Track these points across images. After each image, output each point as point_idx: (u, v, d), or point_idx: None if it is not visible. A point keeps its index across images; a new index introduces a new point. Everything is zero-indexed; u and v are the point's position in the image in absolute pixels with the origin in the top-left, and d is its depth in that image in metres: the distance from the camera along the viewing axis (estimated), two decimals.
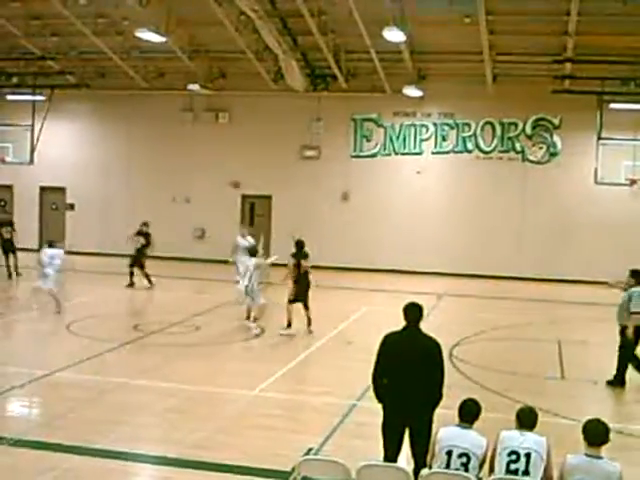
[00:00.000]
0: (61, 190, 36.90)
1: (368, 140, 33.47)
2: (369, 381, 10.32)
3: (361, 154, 33.53)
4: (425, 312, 10.37)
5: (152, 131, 35.35)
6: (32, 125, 34.39)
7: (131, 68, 33.30)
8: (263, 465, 11.51)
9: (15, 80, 34.75)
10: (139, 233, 28.53)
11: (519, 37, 27.80)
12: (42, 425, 13.49)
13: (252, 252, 22.24)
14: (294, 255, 21.49)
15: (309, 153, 33.69)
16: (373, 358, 10.27)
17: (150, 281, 27.82)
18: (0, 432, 12.62)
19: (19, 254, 29.32)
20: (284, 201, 34.12)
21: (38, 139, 34.33)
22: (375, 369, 10.21)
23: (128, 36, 29.34)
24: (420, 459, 9.70)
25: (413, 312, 10.30)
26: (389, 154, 33.35)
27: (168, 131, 35.10)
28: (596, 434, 8.48)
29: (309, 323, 20.93)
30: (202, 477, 11.34)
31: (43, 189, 37.29)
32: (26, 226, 35.13)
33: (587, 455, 8.42)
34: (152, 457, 12.02)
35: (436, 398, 9.99)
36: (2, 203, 37.66)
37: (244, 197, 34.85)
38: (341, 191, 33.61)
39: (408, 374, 9.97)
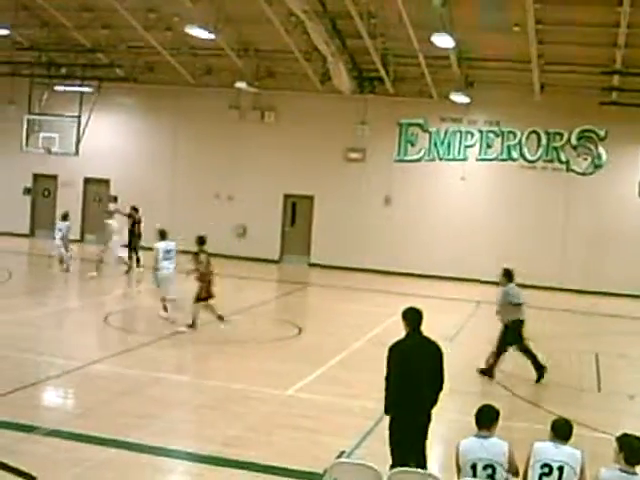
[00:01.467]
0: (105, 182, 37.10)
1: (413, 145, 33.33)
2: None
3: (405, 158, 33.39)
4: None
5: (197, 127, 35.44)
6: (79, 116, 34.58)
7: (179, 64, 33.42)
8: (295, 466, 11.49)
9: (64, 71, 34.98)
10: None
11: (568, 47, 27.60)
12: (77, 416, 13.55)
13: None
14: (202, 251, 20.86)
15: (353, 155, 33.62)
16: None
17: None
18: (35, 422, 12.71)
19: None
20: (327, 202, 34.07)
21: (84, 131, 34.50)
22: (387, 380, 10.17)
23: (177, 32, 29.46)
24: (423, 457, 10.03)
25: (415, 317, 10.32)
26: (433, 159, 33.20)
27: (213, 128, 35.17)
28: (631, 450, 8.24)
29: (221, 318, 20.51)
30: (234, 475, 11.35)
31: (87, 180, 37.50)
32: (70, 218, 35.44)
33: (622, 470, 8.18)
34: (185, 453, 12.05)
35: (436, 401, 10.20)
36: (46, 193, 37.93)
37: (286, 196, 34.86)
38: (383, 195, 33.49)
39: (420, 381, 10.03)
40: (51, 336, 19.86)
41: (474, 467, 8.65)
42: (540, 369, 17.19)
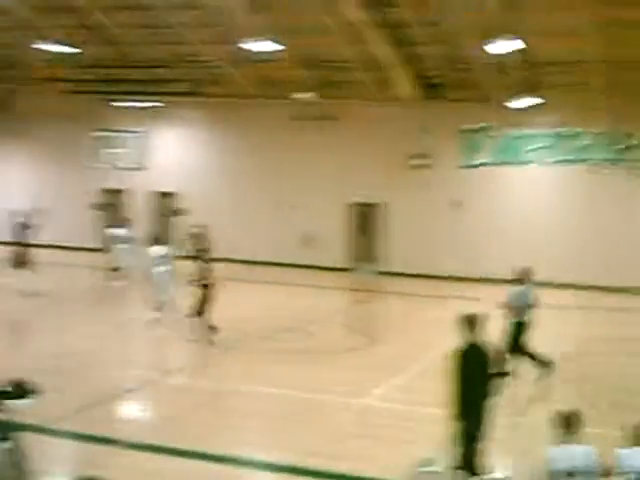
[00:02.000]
0: (171, 195, 37.44)
1: (477, 150, 33.18)
2: None
3: (470, 164, 33.21)
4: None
5: (261, 138, 35.59)
6: (144, 132, 34.98)
7: (241, 76, 33.61)
8: (376, 475, 11.56)
9: (129, 88, 35.36)
10: None
11: (636, 49, 27.24)
12: (157, 428, 13.79)
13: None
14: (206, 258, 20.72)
15: (417, 162, 33.48)
16: None
17: None
18: (116, 434, 12.97)
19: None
20: (393, 209, 33.92)
21: (150, 145, 34.88)
22: (454, 387, 10.28)
23: (238, 45, 29.57)
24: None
25: (471, 323, 10.45)
26: (499, 164, 33.01)
27: (277, 138, 35.31)
28: None
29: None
30: None
31: (154, 194, 37.76)
32: (137, 230, 35.80)
33: None
34: (264, 463, 12.17)
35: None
36: (114, 207, 38.33)
37: (353, 205, 34.86)
38: (451, 200, 33.36)
39: (483, 385, 10.26)
40: (130, 349, 20.07)
41: (570, 475, 8.57)
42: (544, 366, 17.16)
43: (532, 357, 17.16)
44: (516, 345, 16.96)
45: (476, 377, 10.30)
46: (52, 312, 23.72)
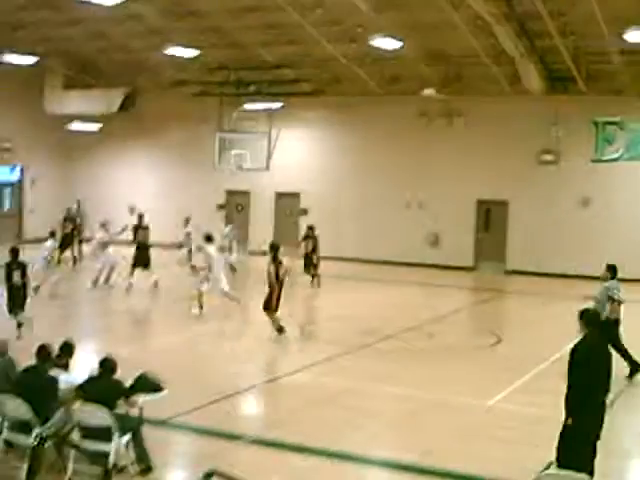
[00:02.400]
0: (295, 196, 37.45)
1: (610, 144, 32.13)
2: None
3: (602, 158, 32.15)
4: None
5: (385, 136, 35.31)
6: (268, 132, 35.07)
7: (366, 74, 33.38)
8: (500, 477, 11.21)
9: (252, 89, 35.56)
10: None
11: None
12: (278, 424, 13.65)
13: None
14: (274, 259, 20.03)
15: (547, 158, 32.73)
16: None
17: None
18: (239, 430, 12.99)
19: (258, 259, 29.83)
20: (521, 207, 33.30)
21: (274, 146, 34.96)
22: (571, 382, 9.96)
23: (362, 43, 29.38)
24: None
25: (592, 318, 10.22)
26: (633, 158, 31.88)
27: (401, 136, 34.98)
28: None
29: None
30: None
31: (279, 195, 37.94)
32: (262, 231, 35.92)
33: None
34: (385, 462, 11.95)
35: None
36: (239, 208, 38.55)
37: (479, 202, 34.28)
38: (580, 197, 32.40)
39: (601, 383, 9.92)
40: (250, 346, 20.06)
41: None
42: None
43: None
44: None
45: (593, 374, 9.91)
46: (172, 309, 23.84)
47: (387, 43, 26.95)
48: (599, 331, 10.10)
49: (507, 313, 26.76)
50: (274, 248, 19.99)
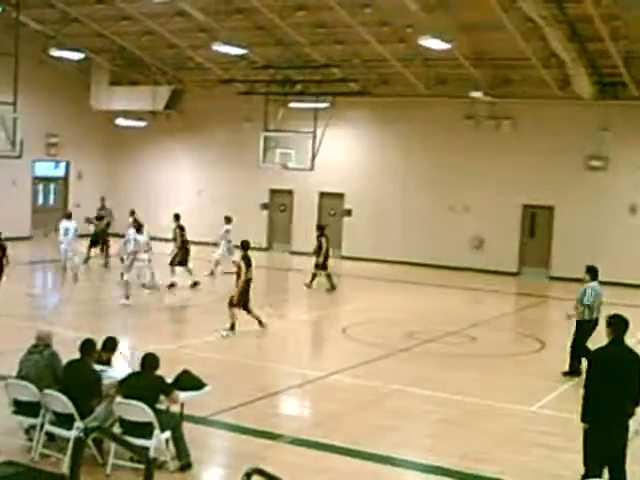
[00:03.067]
0: (339, 196, 37.33)
1: None
2: None
3: None
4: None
5: (431, 138, 35.09)
6: (314, 132, 34.97)
7: (413, 75, 33.19)
8: None
9: (299, 88, 35.49)
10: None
11: None
12: (317, 425, 13.69)
13: None
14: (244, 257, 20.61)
15: (595, 163, 32.30)
16: None
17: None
18: (279, 430, 13.04)
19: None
20: (567, 212, 32.91)
21: (319, 146, 34.85)
22: (587, 387, 9.91)
23: (411, 43, 29.21)
24: (620, 475, 9.77)
25: (619, 325, 10.00)
26: None
27: (447, 138, 34.71)
28: None
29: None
30: None
31: (322, 195, 37.85)
32: (304, 230, 35.80)
33: None
34: (424, 466, 11.92)
35: (632, 414, 9.90)
36: (282, 207, 38.46)
37: (525, 207, 33.91)
38: (628, 204, 31.95)
39: (618, 390, 9.73)
40: (291, 346, 20.10)
41: None
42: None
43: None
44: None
45: (608, 380, 9.78)
46: (214, 308, 23.85)
47: (436, 44, 26.74)
48: (622, 340, 9.93)
49: (551, 319, 26.49)
50: (245, 246, 20.68)
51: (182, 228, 27.71)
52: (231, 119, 38.46)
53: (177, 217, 28.28)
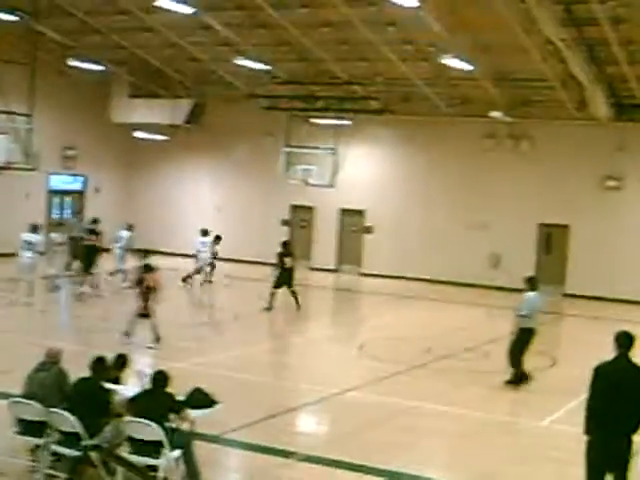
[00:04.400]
0: (359, 213, 37.58)
1: None
2: None
3: None
4: None
5: (452, 157, 35.40)
6: (335, 148, 35.18)
7: (435, 94, 33.47)
8: None
9: (321, 104, 35.75)
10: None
11: None
12: (332, 442, 13.77)
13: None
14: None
15: (611, 184, 32.58)
16: None
17: None
18: (291, 447, 12.97)
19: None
20: (582, 231, 33.18)
21: (340, 162, 35.05)
22: (589, 401, 9.98)
23: (433, 63, 29.46)
24: None
25: (625, 341, 10.09)
26: None
27: (468, 157, 35.03)
28: None
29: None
30: None
31: (343, 211, 38.10)
32: (325, 247, 36.08)
33: None
34: None
35: (636, 429, 9.83)
36: (304, 224, 38.51)
37: (541, 225, 34.19)
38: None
39: (618, 405, 9.77)
40: (307, 364, 20.25)
41: None
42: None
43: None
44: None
45: (607, 395, 9.89)
46: (239, 326, 24.19)
47: (458, 63, 27.05)
48: (627, 356, 10.00)
49: (564, 336, 26.72)
50: (146, 254, 21.42)
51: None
52: (252, 134, 38.44)
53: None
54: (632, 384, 9.92)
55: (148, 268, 20.37)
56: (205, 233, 30.40)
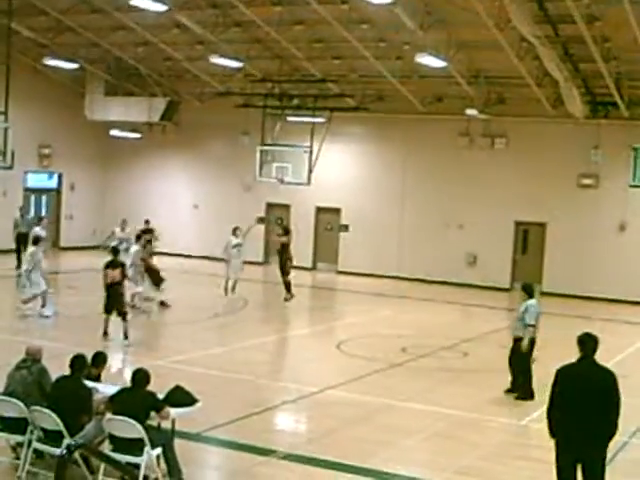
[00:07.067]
0: (336, 211, 37.58)
1: None
2: None
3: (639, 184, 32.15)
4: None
5: (426, 155, 35.45)
6: (310, 146, 35.16)
7: (409, 92, 33.49)
8: None
9: (296, 102, 35.75)
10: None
11: None
12: (311, 441, 13.75)
13: None
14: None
15: (586, 181, 32.70)
16: None
17: None
18: (271, 445, 13.01)
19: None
20: (559, 229, 33.28)
21: (316, 160, 35.03)
22: (550, 403, 9.99)
23: (408, 60, 29.45)
24: None
25: (588, 343, 10.10)
26: None
27: (443, 155, 35.07)
28: None
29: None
30: None
31: (319, 209, 38.09)
32: (301, 245, 35.99)
33: None
34: None
35: (611, 433, 9.77)
36: (279, 221, 38.45)
37: (517, 223, 34.29)
38: (618, 221, 32.37)
39: (584, 408, 9.74)
40: (285, 362, 20.26)
41: None
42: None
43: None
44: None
45: (574, 396, 9.86)
46: (218, 324, 24.11)
47: (432, 61, 27.08)
48: (591, 357, 10.02)
49: (542, 335, 26.71)
50: (115, 252, 21.43)
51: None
52: (227, 132, 38.60)
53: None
54: (598, 386, 9.89)
55: (112, 264, 20.52)
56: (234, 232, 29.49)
